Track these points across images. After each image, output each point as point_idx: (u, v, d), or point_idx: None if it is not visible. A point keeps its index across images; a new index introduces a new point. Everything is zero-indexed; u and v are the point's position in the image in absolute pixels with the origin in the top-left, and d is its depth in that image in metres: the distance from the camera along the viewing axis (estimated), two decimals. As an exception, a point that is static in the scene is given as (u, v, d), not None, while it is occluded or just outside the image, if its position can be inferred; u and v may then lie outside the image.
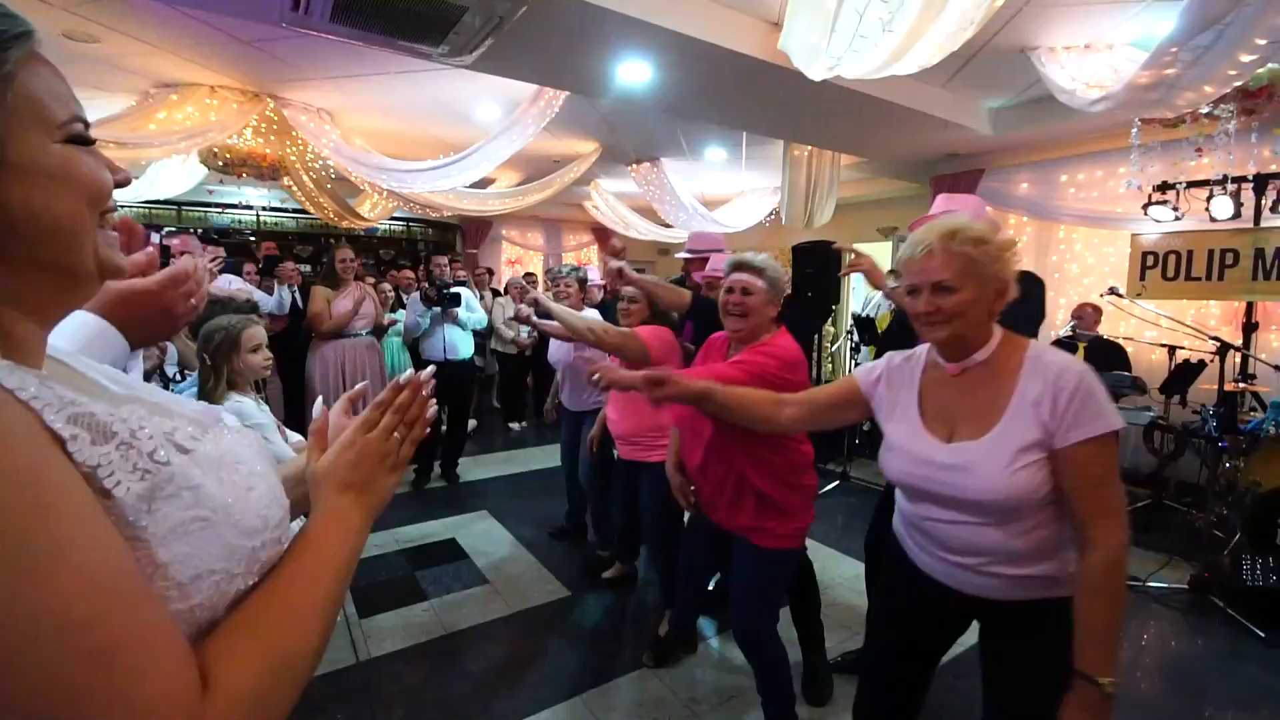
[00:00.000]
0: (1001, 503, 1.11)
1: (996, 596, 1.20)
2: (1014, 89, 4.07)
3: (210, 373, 1.83)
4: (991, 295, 1.13)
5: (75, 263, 0.46)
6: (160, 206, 6.87)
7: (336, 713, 2.11)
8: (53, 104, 0.44)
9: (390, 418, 0.65)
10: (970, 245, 1.12)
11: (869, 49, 2.10)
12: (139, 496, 0.43)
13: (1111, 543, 1.06)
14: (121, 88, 4.06)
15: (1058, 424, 1.08)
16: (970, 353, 1.18)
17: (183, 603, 0.45)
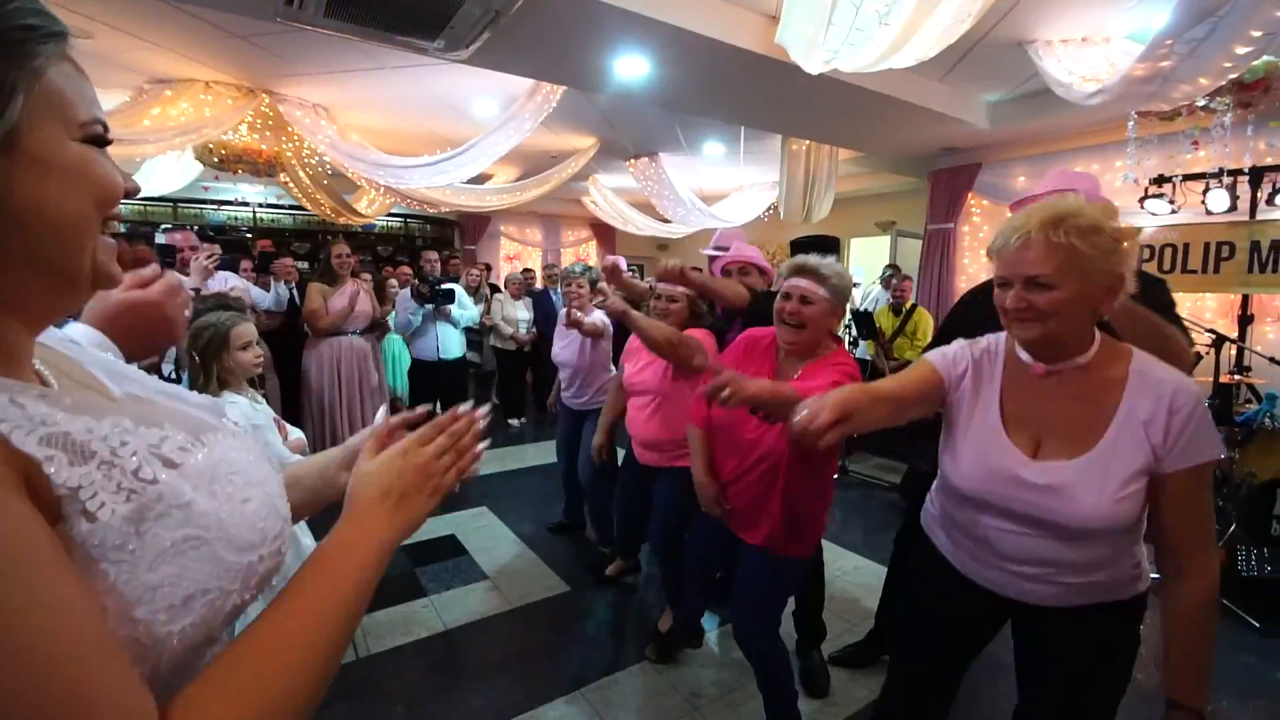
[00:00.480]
0: (1100, 530, 1.02)
1: (1053, 604, 1.14)
2: (1011, 82, 4.06)
3: (200, 371, 1.81)
4: (1100, 293, 0.99)
5: (74, 265, 0.46)
6: (156, 204, 6.84)
7: (337, 709, 2.12)
8: (77, 103, 0.45)
9: (445, 439, 0.65)
10: (1077, 235, 0.96)
11: (865, 42, 2.10)
12: (125, 519, 0.41)
13: (1209, 573, 1.02)
14: (115, 84, 4.03)
15: (1168, 449, 0.98)
16: (1067, 355, 1.06)
17: (174, 624, 0.43)
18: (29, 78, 0.41)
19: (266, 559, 0.51)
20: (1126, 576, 1.11)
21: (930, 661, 1.36)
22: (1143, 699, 2.20)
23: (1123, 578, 1.11)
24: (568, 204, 8.76)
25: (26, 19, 0.41)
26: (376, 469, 0.62)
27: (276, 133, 4.58)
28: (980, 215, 5.63)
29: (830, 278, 1.61)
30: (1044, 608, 1.15)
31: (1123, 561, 1.10)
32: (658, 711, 2.13)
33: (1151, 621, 1.14)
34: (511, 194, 5.79)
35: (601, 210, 7.79)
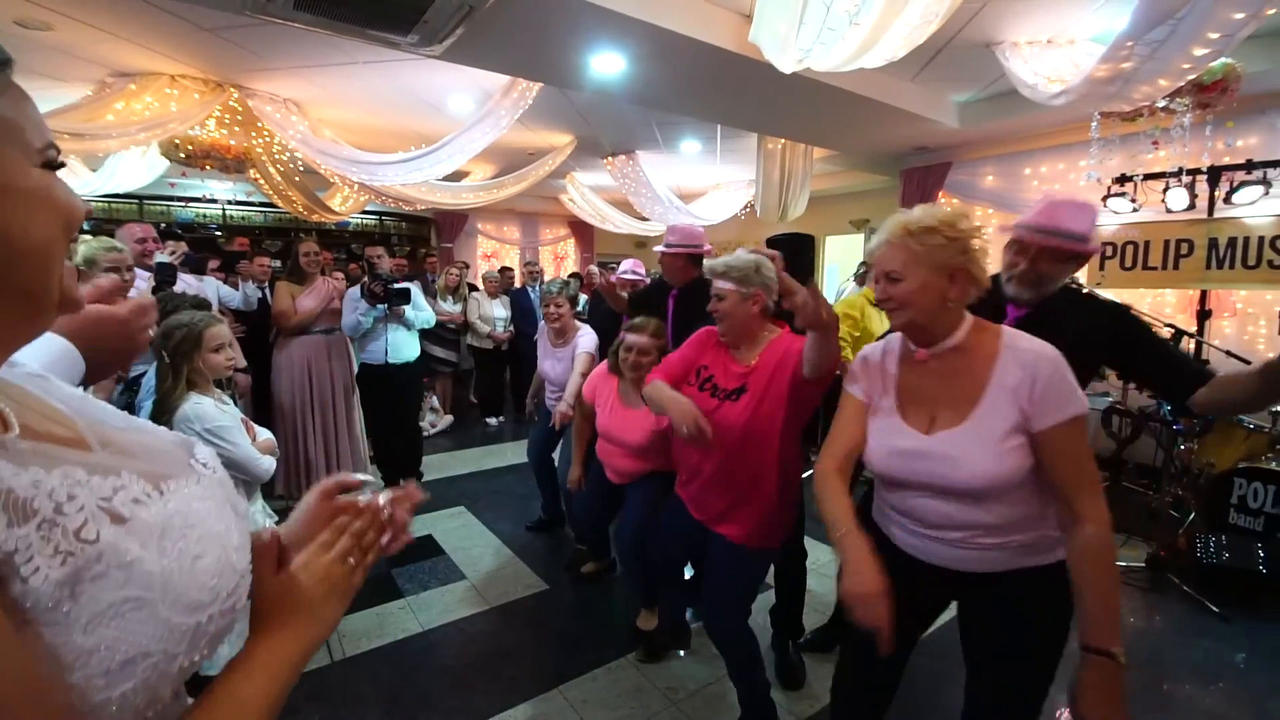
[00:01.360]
0: (988, 488, 1.16)
1: (977, 569, 1.24)
2: (980, 83, 4.15)
3: (169, 371, 1.77)
4: (945, 283, 1.16)
5: (42, 290, 0.45)
6: (121, 200, 6.62)
7: (312, 714, 2.09)
8: (30, 129, 0.44)
9: (347, 541, 0.62)
10: (916, 237, 1.16)
11: (836, 41, 2.13)
12: (58, 584, 0.39)
13: (1100, 515, 1.11)
14: (77, 77, 3.90)
15: (1035, 408, 1.12)
16: (937, 339, 1.21)
17: (111, 690, 0.41)
18: None
19: (217, 619, 0.49)
20: (1047, 540, 1.21)
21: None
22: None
23: (1043, 541, 1.21)
24: (546, 202, 8.71)
25: None
26: (282, 587, 0.59)
27: (246, 128, 4.48)
28: (952, 213, 5.74)
29: (730, 269, 1.74)
30: (976, 575, 1.25)
31: (1038, 524, 1.20)
32: (637, 707, 2.14)
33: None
34: (488, 191, 5.74)
35: (579, 208, 7.77)
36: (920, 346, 1.25)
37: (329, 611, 0.59)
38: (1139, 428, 4.04)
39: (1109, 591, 1.11)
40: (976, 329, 1.21)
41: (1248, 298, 4.09)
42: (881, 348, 1.37)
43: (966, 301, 1.21)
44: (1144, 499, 3.87)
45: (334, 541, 0.62)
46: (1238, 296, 4.10)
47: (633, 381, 2.35)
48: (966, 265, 1.16)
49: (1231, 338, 4.12)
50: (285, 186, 5.28)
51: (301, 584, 0.58)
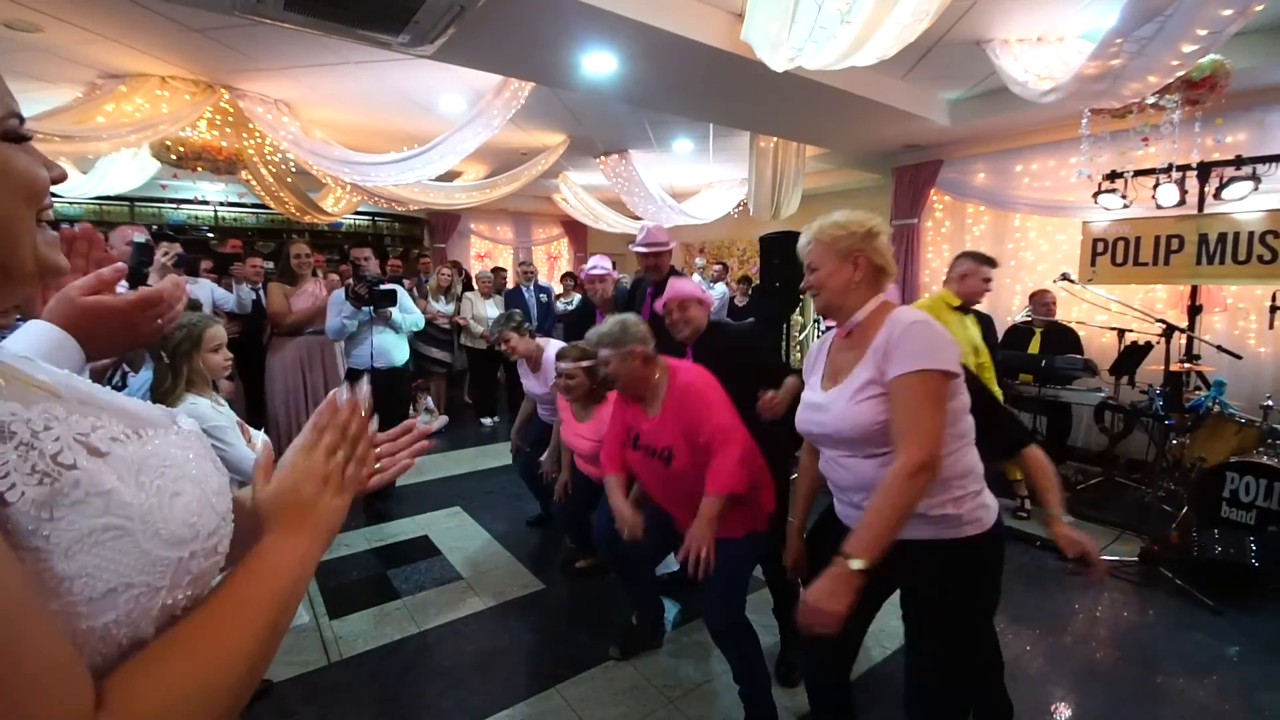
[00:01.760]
0: (848, 433, 1.34)
1: None
2: (970, 81, 4.17)
3: (168, 371, 1.77)
4: (850, 268, 1.38)
5: (12, 261, 0.45)
6: (111, 203, 6.58)
7: (308, 715, 2.08)
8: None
9: (330, 436, 0.62)
10: (824, 232, 1.40)
11: (828, 40, 2.13)
12: (36, 503, 0.40)
13: (906, 458, 1.22)
14: (67, 79, 3.88)
15: (887, 361, 1.28)
16: (847, 316, 1.42)
17: (94, 620, 0.41)
18: None
19: (200, 555, 0.49)
20: (947, 515, 1.31)
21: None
22: (1092, 675, 2.30)
23: (939, 514, 1.31)
24: (539, 201, 8.70)
25: None
26: (273, 488, 0.59)
27: (237, 129, 4.46)
28: (943, 210, 5.77)
29: (602, 339, 1.96)
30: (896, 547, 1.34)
31: (937, 494, 1.30)
32: (633, 705, 2.14)
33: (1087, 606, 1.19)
34: (481, 191, 5.73)
35: (573, 207, 7.76)
36: (838, 326, 1.46)
37: (326, 504, 0.60)
38: (1131, 423, 4.07)
39: (878, 515, 1.22)
40: (880, 309, 1.38)
41: (1238, 292, 4.12)
42: (826, 336, 1.58)
43: (879, 285, 1.40)
44: (1136, 493, 3.90)
45: (316, 440, 0.62)
46: (1228, 291, 4.13)
47: (573, 402, 2.60)
48: (866, 252, 1.37)
49: (1222, 333, 4.16)
50: (277, 188, 5.26)
51: (288, 484, 0.59)
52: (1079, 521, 3.63)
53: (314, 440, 0.62)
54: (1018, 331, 4.46)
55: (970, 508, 1.33)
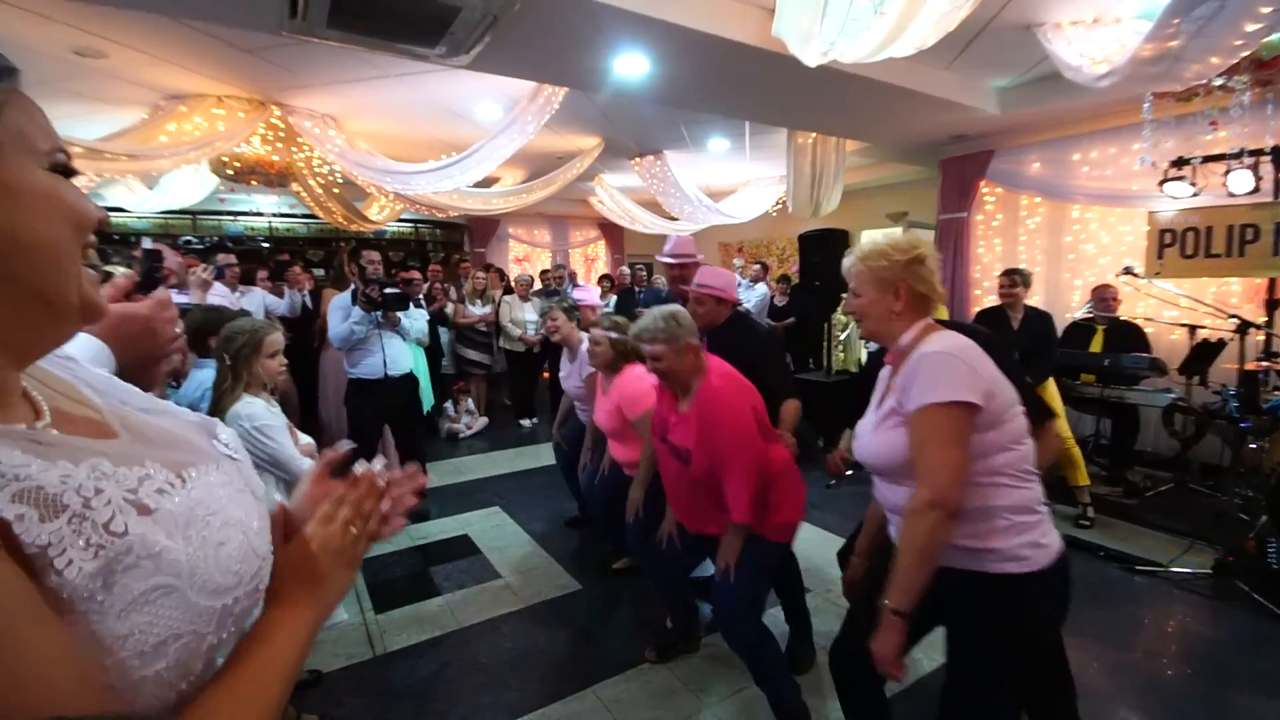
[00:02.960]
0: (877, 460, 1.36)
1: None
2: (1021, 67, 3.98)
3: (229, 373, 1.88)
4: (890, 297, 1.36)
5: (58, 292, 0.46)
6: (176, 216, 6.99)
7: (352, 706, 2.16)
8: (36, 134, 0.46)
9: (347, 511, 0.64)
10: (865, 260, 1.38)
11: (861, 32, 2.07)
12: (91, 575, 0.41)
13: (915, 496, 1.22)
14: (131, 101, 4.13)
15: (905, 395, 1.27)
16: (890, 342, 1.40)
17: (146, 669, 0.43)
18: None
19: (242, 600, 0.52)
20: (984, 547, 1.26)
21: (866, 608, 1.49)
22: (1160, 693, 2.16)
23: (977, 546, 1.26)
24: (575, 204, 8.78)
25: None
26: (292, 554, 0.61)
27: (287, 143, 4.66)
28: (994, 203, 5.53)
29: (657, 334, 1.89)
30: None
31: (972, 525, 1.25)
32: (668, 709, 2.13)
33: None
34: (517, 196, 5.83)
35: (608, 210, 7.80)
36: (887, 353, 1.44)
37: (336, 579, 0.62)
38: (1203, 426, 3.80)
39: (902, 555, 1.23)
40: (920, 335, 1.35)
41: (1322, 284, 3.81)
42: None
43: (922, 311, 1.37)
44: (1209, 501, 3.65)
45: (334, 513, 0.63)
46: (1310, 283, 3.82)
47: (597, 369, 2.65)
48: (909, 280, 1.34)
49: (1305, 328, 3.85)
50: (325, 198, 5.47)
51: (304, 555, 0.60)
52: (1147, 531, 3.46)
53: (333, 513, 0.63)
54: (1078, 329, 4.22)
55: (1016, 543, 1.25)
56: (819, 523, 3.50)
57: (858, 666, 1.52)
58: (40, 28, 3.09)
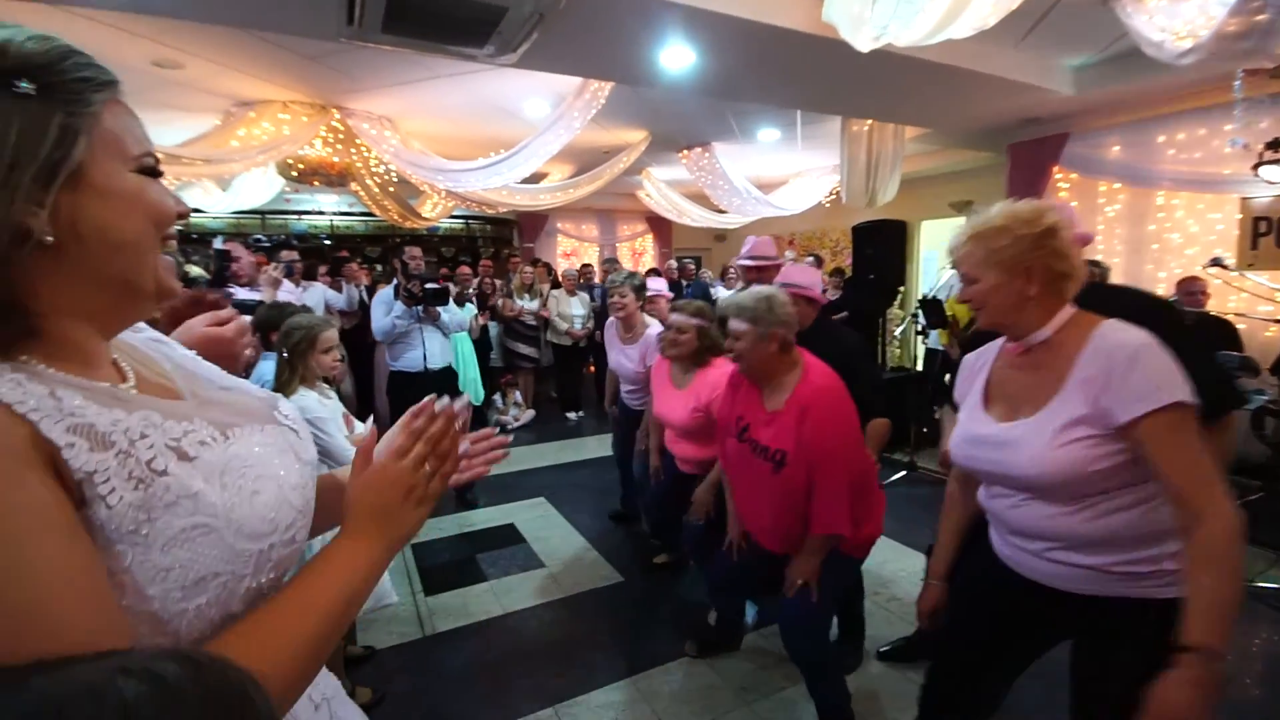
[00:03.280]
0: (1045, 479, 1.10)
1: (1069, 588, 1.15)
2: (1098, 43, 3.71)
3: (286, 367, 1.99)
4: (1021, 281, 1.13)
5: (137, 278, 0.52)
6: (247, 216, 7.46)
7: (402, 682, 2.26)
8: (128, 139, 0.51)
9: (421, 447, 0.63)
10: (981, 240, 1.16)
11: (915, 14, 1.97)
12: (134, 506, 0.46)
13: (1223, 511, 0.98)
14: (206, 108, 4.41)
15: (1113, 399, 1.04)
16: (1024, 335, 1.18)
17: (187, 602, 0.48)
18: (88, 122, 0.47)
19: (279, 547, 0.56)
20: (1158, 571, 1.08)
21: (968, 649, 1.36)
22: (1252, 713, 1.99)
23: (1154, 568, 1.08)
24: (622, 198, 8.79)
25: (82, 72, 0.48)
26: (360, 489, 0.62)
27: (346, 145, 4.86)
28: (1069, 190, 5.19)
29: (743, 309, 1.75)
30: (1073, 595, 1.15)
31: (1142, 546, 1.08)
32: (708, 704, 2.13)
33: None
34: (564, 192, 5.88)
35: (656, 203, 7.77)
36: (1011, 341, 1.23)
37: (404, 515, 0.62)
38: (1298, 430, 3.47)
39: (1227, 593, 0.98)
40: (1072, 323, 1.15)
41: None
42: (983, 350, 1.36)
43: (1062, 293, 1.15)
44: (1304, 512, 3.33)
45: (409, 447, 0.63)
46: None
47: (674, 360, 2.42)
48: (1042, 258, 1.12)
49: None
50: (381, 197, 5.68)
51: (373, 486, 0.62)
52: None
53: (407, 445, 0.63)
54: (1162, 325, 3.92)
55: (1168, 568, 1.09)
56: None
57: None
58: (125, 43, 3.33)
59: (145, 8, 2.68)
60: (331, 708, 0.68)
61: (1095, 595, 1.12)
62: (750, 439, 1.82)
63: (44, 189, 0.45)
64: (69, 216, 0.46)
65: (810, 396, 1.70)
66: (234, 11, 2.73)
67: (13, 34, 0.45)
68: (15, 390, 0.43)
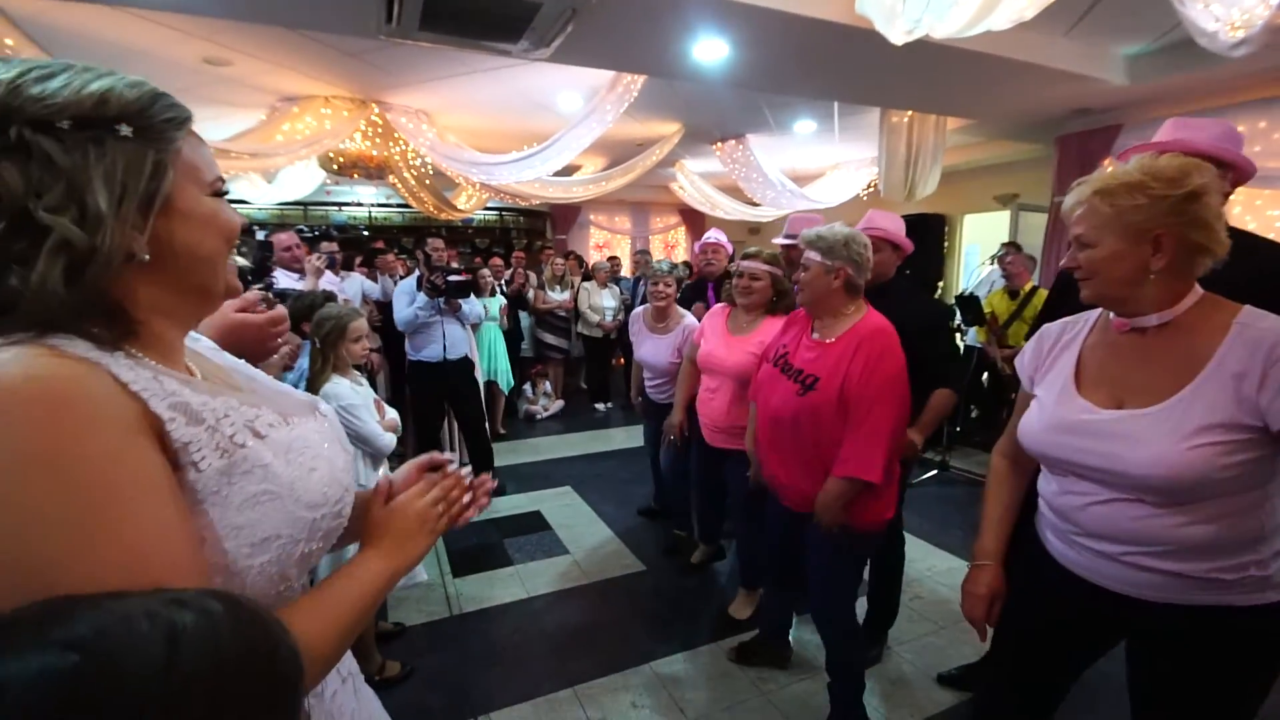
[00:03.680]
0: (1165, 482, 0.96)
1: (1146, 596, 1.04)
2: (1153, 32, 3.54)
3: (319, 355, 2.08)
4: (1146, 250, 0.98)
5: (213, 284, 0.62)
6: (290, 207, 7.74)
7: (431, 658, 2.35)
8: (203, 168, 0.60)
9: (438, 492, 0.79)
10: (1112, 196, 0.99)
11: (950, 7, 1.92)
12: (219, 471, 0.55)
13: None
14: (252, 104, 4.59)
15: (1272, 400, 0.91)
16: (1140, 313, 1.03)
17: (254, 559, 0.57)
18: (173, 156, 0.55)
19: (329, 518, 0.65)
20: (1252, 576, 0.98)
21: (1022, 663, 1.26)
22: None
23: (1245, 575, 0.98)
24: (656, 190, 8.78)
25: (166, 114, 0.55)
26: (387, 515, 0.75)
27: (385, 139, 5.00)
28: (1117, 184, 4.98)
29: (820, 240, 1.72)
30: (1147, 603, 1.04)
31: (1239, 552, 0.97)
32: (726, 693, 2.17)
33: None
34: (597, 184, 5.91)
35: (689, 196, 7.74)
36: (1120, 317, 1.08)
37: (418, 541, 0.76)
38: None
39: None
40: (1206, 304, 1.01)
41: None
42: (1069, 322, 1.21)
43: (1192, 271, 1.00)
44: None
45: (427, 490, 0.78)
46: None
47: (744, 308, 2.38)
48: (1181, 226, 0.96)
49: None
50: (418, 189, 5.82)
51: (398, 515, 0.75)
52: None
53: (426, 490, 0.79)
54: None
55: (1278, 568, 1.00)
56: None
57: None
58: (179, 41, 3.49)
59: (198, 9, 2.80)
60: (355, 683, 0.81)
61: (1170, 603, 1.02)
62: (785, 363, 1.81)
63: (144, 217, 0.53)
64: (161, 237, 0.55)
65: (868, 334, 1.67)
66: (281, 12, 2.84)
67: (113, 83, 0.52)
68: (129, 372, 0.51)
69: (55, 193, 0.47)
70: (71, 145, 0.48)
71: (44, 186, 0.47)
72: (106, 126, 0.50)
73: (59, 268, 0.47)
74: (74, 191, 0.48)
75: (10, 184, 0.46)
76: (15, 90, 0.47)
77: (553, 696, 2.14)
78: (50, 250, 0.47)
